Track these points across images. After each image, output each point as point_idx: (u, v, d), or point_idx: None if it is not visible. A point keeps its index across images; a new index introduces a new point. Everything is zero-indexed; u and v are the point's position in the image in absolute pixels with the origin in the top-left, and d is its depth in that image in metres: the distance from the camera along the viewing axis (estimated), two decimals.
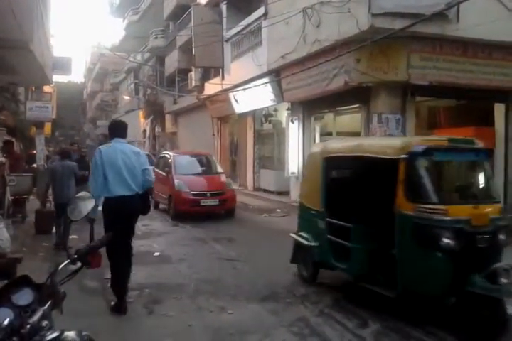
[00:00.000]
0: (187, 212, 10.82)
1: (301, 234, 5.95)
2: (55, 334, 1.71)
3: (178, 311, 4.95)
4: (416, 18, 7.89)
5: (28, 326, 1.69)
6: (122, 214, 4.76)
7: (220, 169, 12.59)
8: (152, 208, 11.97)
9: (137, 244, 8.42)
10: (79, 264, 1.96)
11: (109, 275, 6.30)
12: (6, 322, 1.65)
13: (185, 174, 11.48)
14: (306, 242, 5.74)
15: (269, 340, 4.24)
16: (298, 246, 6.00)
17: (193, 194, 10.88)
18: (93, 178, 4.93)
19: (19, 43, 6.42)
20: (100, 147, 5.12)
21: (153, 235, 9.41)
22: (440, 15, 8.27)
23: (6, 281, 4.58)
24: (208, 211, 11.10)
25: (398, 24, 8.06)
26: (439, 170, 5.13)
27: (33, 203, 11.18)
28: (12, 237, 6.35)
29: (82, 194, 2.37)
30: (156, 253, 7.77)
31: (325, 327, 4.48)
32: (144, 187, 5.02)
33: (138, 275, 6.40)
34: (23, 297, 1.82)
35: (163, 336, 4.24)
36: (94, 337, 1.86)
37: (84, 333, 1.81)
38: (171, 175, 11.43)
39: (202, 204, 10.83)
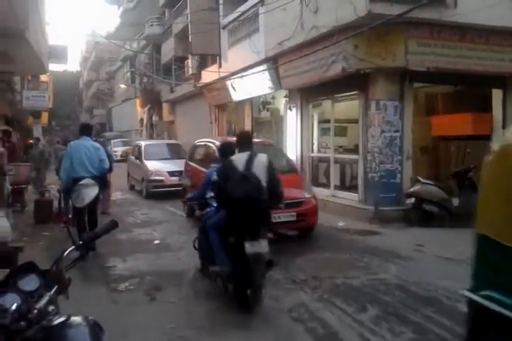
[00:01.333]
0: None
1: (493, 295, 3.00)
2: (62, 319, 1.74)
3: (180, 298, 5.01)
4: (413, 4, 7.86)
5: (35, 311, 1.72)
6: None
7: (294, 166, 9.27)
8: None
9: (137, 232, 8.55)
10: (84, 250, 1.99)
11: (110, 264, 6.42)
12: (13, 307, 1.68)
13: None
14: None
15: (269, 325, 4.30)
16: (485, 316, 3.05)
17: None
18: (64, 163, 7.12)
19: (14, 31, 6.36)
20: (71, 143, 7.33)
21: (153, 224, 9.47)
22: (438, 1, 8.24)
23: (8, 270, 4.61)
24: (280, 230, 7.44)
25: (396, 10, 8.02)
26: None
27: (31, 192, 11.22)
28: (12, 226, 6.40)
29: (85, 181, 2.40)
30: (156, 241, 7.82)
31: (324, 312, 4.54)
32: (101, 172, 7.06)
33: (138, 262, 6.49)
34: (29, 283, 1.85)
35: (165, 322, 4.29)
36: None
37: (90, 318, 1.84)
38: None
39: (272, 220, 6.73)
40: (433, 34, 8.88)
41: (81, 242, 1.99)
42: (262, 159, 4.77)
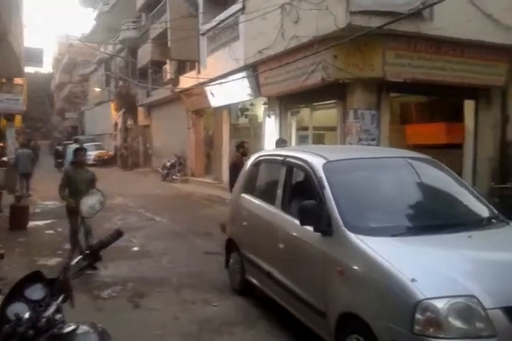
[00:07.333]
0: None
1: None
2: (72, 327, 1.78)
3: (164, 304, 5.02)
4: (392, 16, 8.08)
5: (44, 319, 1.75)
6: None
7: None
8: None
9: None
10: (91, 260, 2.03)
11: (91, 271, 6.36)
12: (26, 315, 1.71)
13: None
14: None
15: (254, 331, 4.37)
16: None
17: None
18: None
19: None
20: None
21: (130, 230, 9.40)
22: (415, 14, 8.49)
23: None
24: None
25: (375, 22, 8.20)
26: None
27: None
28: None
29: (92, 191, 2.43)
30: (135, 248, 7.78)
31: None
32: None
33: (119, 269, 6.46)
34: (36, 292, 1.88)
35: (152, 328, 4.31)
36: None
37: (98, 325, 1.88)
38: None
39: None
40: (410, 46, 9.14)
41: (88, 252, 2.02)
42: None
